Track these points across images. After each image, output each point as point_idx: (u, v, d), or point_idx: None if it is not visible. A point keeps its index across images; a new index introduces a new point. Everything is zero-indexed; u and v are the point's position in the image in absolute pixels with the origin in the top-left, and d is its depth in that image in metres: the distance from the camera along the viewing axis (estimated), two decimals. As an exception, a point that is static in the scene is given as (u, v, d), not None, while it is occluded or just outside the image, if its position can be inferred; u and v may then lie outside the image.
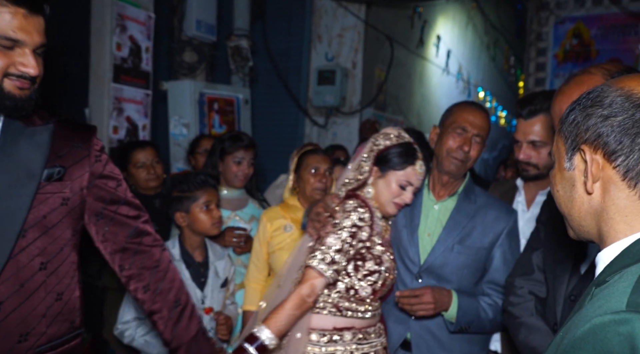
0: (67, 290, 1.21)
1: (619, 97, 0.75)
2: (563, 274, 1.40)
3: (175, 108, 3.79)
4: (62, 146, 1.19)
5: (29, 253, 1.12)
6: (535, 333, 1.44)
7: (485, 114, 1.73)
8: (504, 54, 8.97)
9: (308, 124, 5.35)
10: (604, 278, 0.75)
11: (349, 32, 5.20)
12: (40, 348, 1.16)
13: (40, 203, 1.13)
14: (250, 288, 2.17)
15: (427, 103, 6.88)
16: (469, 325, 1.64)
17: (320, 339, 1.54)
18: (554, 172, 0.85)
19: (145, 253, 1.30)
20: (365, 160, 1.65)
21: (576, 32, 4.99)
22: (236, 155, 2.30)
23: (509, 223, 1.71)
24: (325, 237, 1.54)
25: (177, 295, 1.32)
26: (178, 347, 1.31)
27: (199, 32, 3.96)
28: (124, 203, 1.29)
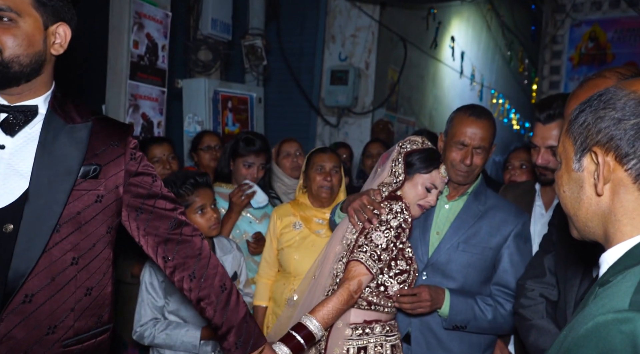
0: (97, 285, 1.23)
1: (632, 100, 0.75)
2: (574, 277, 1.40)
3: (189, 106, 3.83)
4: (99, 144, 1.21)
5: (62, 247, 1.14)
6: (545, 336, 1.44)
7: (485, 123, 1.68)
8: (518, 56, 8.91)
9: (320, 123, 5.37)
10: (608, 278, 0.75)
11: (363, 33, 5.21)
12: (67, 341, 1.18)
13: (76, 200, 1.16)
14: (262, 283, 2.21)
15: (440, 105, 6.87)
16: (465, 324, 1.66)
17: (353, 334, 1.60)
18: (561, 172, 0.85)
19: (188, 242, 1.32)
20: (397, 163, 1.70)
21: (592, 35, 4.94)
22: (247, 158, 2.33)
23: (517, 226, 1.71)
24: (371, 233, 1.59)
25: (222, 279, 1.34)
26: (229, 330, 1.33)
27: (215, 31, 4.01)
28: (160, 197, 1.31)
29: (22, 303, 1.10)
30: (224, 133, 4.01)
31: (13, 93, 1.12)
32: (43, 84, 1.16)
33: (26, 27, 1.08)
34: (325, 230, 2.13)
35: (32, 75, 1.12)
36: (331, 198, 2.17)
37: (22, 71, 1.10)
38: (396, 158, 1.70)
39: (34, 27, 1.10)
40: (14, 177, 1.11)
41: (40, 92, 1.16)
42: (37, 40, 1.11)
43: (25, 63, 1.09)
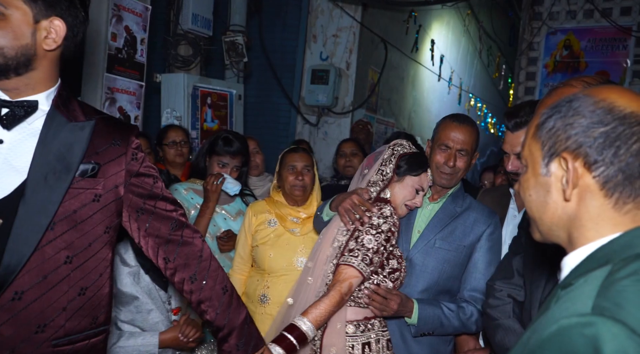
0: (92, 285, 1.21)
1: (600, 108, 0.77)
2: (540, 279, 1.45)
3: (168, 101, 3.80)
4: (101, 142, 1.20)
5: (55, 245, 1.13)
6: (511, 335, 1.49)
7: (468, 128, 1.80)
8: (496, 61, 9.07)
9: (300, 122, 5.38)
10: (570, 281, 0.77)
11: (344, 33, 5.24)
12: (57, 341, 1.15)
13: (72, 198, 1.14)
14: (235, 278, 2.21)
15: (419, 107, 6.95)
16: (432, 331, 1.75)
17: (356, 331, 1.65)
18: (527, 176, 0.85)
19: (189, 244, 1.32)
20: (387, 164, 1.76)
21: (567, 44, 5.07)
22: (222, 158, 2.31)
23: (489, 226, 1.82)
24: (362, 236, 1.63)
25: (223, 282, 1.35)
26: (230, 332, 1.33)
27: (195, 26, 3.97)
28: (161, 199, 1.30)
29: (12, 300, 1.08)
30: (202, 129, 3.99)
31: (8, 87, 1.12)
32: (41, 80, 1.15)
33: (12, 20, 1.07)
34: (300, 228, 2.14)
35: (22, 69, 1.11)
36: (304, 197, 2.19)
37: (7, 64, 1.08)
38: (388, 159, 1.77)
39: (21, 20, 1.08)
40: (9, 172, 1.11)
41: (40, 88, 1.15)
42: (24, 33, 1.09)
43: (9, 56, 1.08)
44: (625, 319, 0.65)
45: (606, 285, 0.70)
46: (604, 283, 0.71)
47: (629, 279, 0.69)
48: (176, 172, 2.99)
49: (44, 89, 1.16)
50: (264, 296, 2.08)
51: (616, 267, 0.73)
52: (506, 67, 8.56)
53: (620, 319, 0.65)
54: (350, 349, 1.63)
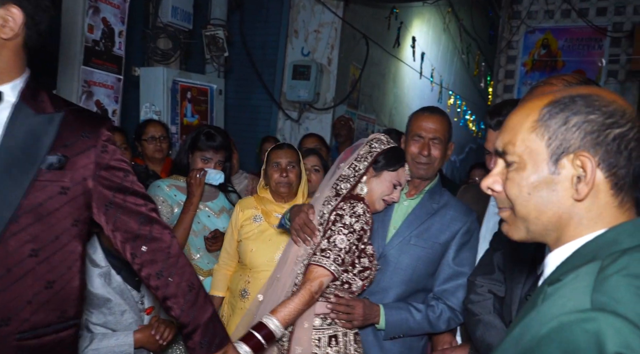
0: (60, 279, 1.19)
1: (615, 110, 0.76)
2: (520, 275, 1.47)
3: (147, 95, 3.73)
4: (70, 135, 1.18)
5: (19, 238, 1.11)
6: (491, 330, 1.50)
7: (439, 117, 1.82)
8: (475, 59, 9.18)
9: (281, 118, 5.35)
10: (558, 277, 0.76)
11: (326, 29, 5.22)
12: (22, 335, 1.14)
13: (38, 190, 1.13)
14: (220, 273, 2.21)
15: (400, 104, 6.98)
16: (402, 333, 1.76)
17: (322, 324, 1.64)
18: (523, 174, 0.80)
19: (157, 240, 1.31)
20: (361, 160, 1.74)
21: (545, 43, 5.16)
22: (205, 153, 2.29)
23: (465, 224, 1.81)
24: (334, 235, 1.61)
25: (190, 278, 1.34)
26: (195, 329, 1.33)
27: (175, 19, 3.91)
28: (131, 193, 1.28)
29: None
30: (182, 124, 3.93)
31: None
32: (4, 71, 1.13)
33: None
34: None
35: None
36: (290, 193, 2.18)
37: None
38: (364, 156, 1.74)
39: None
40: None
41: (4, 78, 1.13)
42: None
43: None
44: (626, 313, 0.65)
45: (600, 280, 0.70)
46: (597, 278, 0.71)
47: (619, 274, 0.70)
48: (155, 167, 2.94)
49: (8, 80, 1.14)
50: (245, 291, 2.08)
51: (606, 263, 0.73)
52: (485, 65, 8.68)
53: (622, 314, 0.65)
54: (317, 342, 1.62)
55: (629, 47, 4.82)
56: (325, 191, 1.74)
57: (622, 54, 4.88)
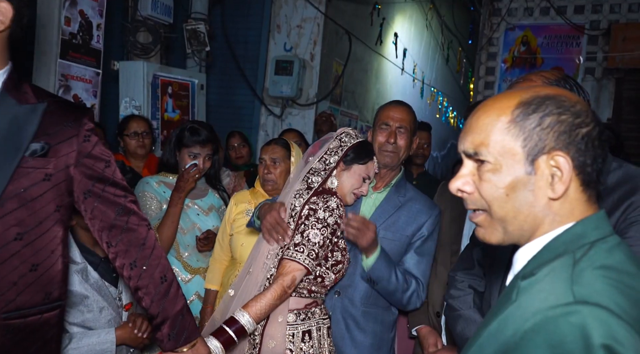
0: (44, 262, 1.23)
1: (583, 110, 0.78)
2: (499, 270, 1.49)
3: (126, 90, 3.67)
4: (52, 124, 1.22)
5: (5, 222, 1.15)
6: (472, 325, 1.52)
7: (405, 108, 1.89)
8: (457, 56, 9.25)
9: (264, 113, 5.32)
10: (531, 271, 0.77)
11: (309, 24, 5.20)
12: (8, 314, 1.18)
13: (22, 177, 1.17)
14: (215, 267, 2.22)
15: (382, 100, 7.00)
16: (377, 281, 1.76)
17: (297, 319, 1.64)
18: (499, 175, 0.80)
19: (133, 231, 1.34)
20: (332, 154, 1.75)
21: (524, 40, 5.22)
22: (192, 149, 2.26)
23: (430, 217, 1.86)
24: (307, 230, 1.61)
25: (163, 271, 1.36)
26: (163, 321, 1.35)
27: (155, 13, 3.85)
28: (111, 184, 1.32)
29: None
30: (163, 119, 3.88)
31: None
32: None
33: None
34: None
35: None
36: (276, 189, 2.16)
37: None
38: (334, 150, 1.76)
39: None
40: None
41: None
42: None
43: None
44: (608, 305, 0.66)
45: (577, 272, 0.72)
46: (574, 271, 0.72)
47: (592, 267, 0.72)
48: (138, 163, 2.90)
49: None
50: (227, 294, 2.07)
51: (577, 256, 0.74)
52: (467, 62, 8.76)
53: (605, 305, 0.66)
54: (291, 338, 1.62)
55: (605, 44, 4.92)
56: (296, 185, 1.74)
57: (599, 52, 4.98)
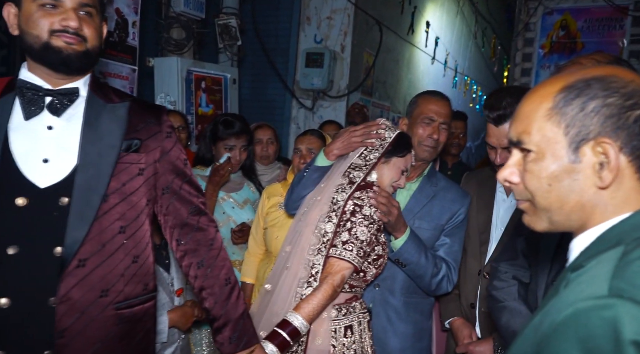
0: (142, 254, 1.30)
1: (633, 90, 0.73)
2: (546, 260, 1.44)
3: (161, 86, 3.73)
4: (138, 121, 1.30)
5: (110, 216, 1.23)
6: (517, 317, 1.48)
7: (447, 103, 1.87)
8: (490, 43, 9.02)
9: (295, 106, 5.32)
10: (580, 263, 0.75)
11: (339, 15, 5.15)
12: (118, 304, 1.25)
13: (120, 172, 1.24)
14: (249, 260, 2.25)
15: (414, 90, 6.90)
16: (406, 263, 1.74)
17: (338, 314, 1.62)
18: (542, 164, 0.78)
19: (203, 230, 1.37)
20: (372, 150, 1.71)
21: (563, 24, 5.03)
22: (228, 141, 2.30)
23: (464, 205, 1.87)
24: (355, 227, 1.58)
25: (228, 273, 1.39)
26: (225, 324, 1.36)
27: (187, 9, 3.89)
28: (187, 181, 1.37)
29: (77, 267, 1.18)
30: (197, 114, 3.93)
31: (59, 78, 1.23)
32: None
33: (97, 21, 1.25)
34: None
35: None
36: None
37: (94, 60, 1.25)
38: (376, 146, 1.70)
39: (99, 20, 1.28)
40: (64, 154, 1.21)
41: (77, 75, 1.26)
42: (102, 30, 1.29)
43: (96, 53, 1.25)
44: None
45: (621, 266, 0.68)
46: (618, 264, 0.69)
47: None
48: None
49: (81, 76, 1.26)
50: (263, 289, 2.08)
51: (629, 247, 0.71)
52: (501, 49, 8.52)
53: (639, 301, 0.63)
54: (333, 333, 1.60)
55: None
56: (336, 179, 1.71)
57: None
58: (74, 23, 1.18)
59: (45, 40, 1.17)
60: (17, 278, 1.16)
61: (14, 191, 1.16)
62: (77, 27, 1.19)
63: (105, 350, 1.23)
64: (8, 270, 1.15)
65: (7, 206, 1.16)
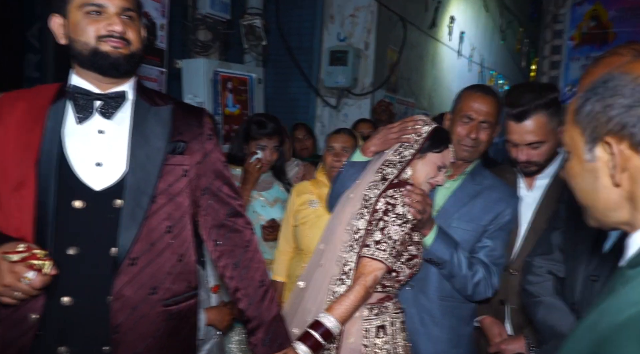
0: (186, 252, 1.33)
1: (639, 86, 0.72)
2: (583, 254, 1.41)
3: (189, 87, 3.79)
4: (181, 124, 1.33)
5: (158, 217, 1.26)
6: (553, 312, 1.46)
7: (491, 98, 1.73)
8: (517, 36, 8.84)
9: (320, 105, 5.33)
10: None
11: (362, 12, 5.14)
12: (166, 301, 1.29)
13: (167, 174, 1.28)
14: (280, 259, 2.26)
15: (439, 86, 6.83)
16: (440, 263, 1.68)
17: (370, 314, 1.60)
18: (571, 164, 0.81)
19: (240, 232, 1.41)
20: (407, 147, 1.67)
21: (594, 14, 4.88)
22: (260, 141, 2.34)
23: (510, 206, 1.75)
24: (388, 226, 1.56)
25: (262, 275, 1.42)
26: (259, 326, 1.39)
27: (213, 10, 3.94)
28: (226, 183, 1.40)
29: (129, 265, 1.23)
30: (224, 114, 3.98)
31: (108, 82, 1.27)
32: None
33: (138, 23, 1.28)
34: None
35: None
36: None
37: (137, 64, 1.29)
38: (411, 142, 1.67)
39: (140, 23, 1.30)
40: (115, 157, 1.25)
41: (124, 78, 1.30)
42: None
43: (139, 56, 1.28)
44: None
45: None
46: None
47: None
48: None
49: (128, 80, 1.31)
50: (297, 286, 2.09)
51: None
52: (528, 42, 8.35)
53: None
54: (365, 333, 1.58)
55: (688, 14, 4.51)
56: (369, 176, 1.69)
57: (680, 22, 4.58)
58: (118, 27, 1.21)
59: (93, 46, 1.21)
60: (77, 277, 1.21)
61: (71, 195, 1.21)
62: (121, 31, 1.22)
63: (156, 345, 1.27)
64: (69, 270, 1.19)
65: (65, 209, 1.20)
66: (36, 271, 1.08)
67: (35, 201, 1.18)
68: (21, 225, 1.18)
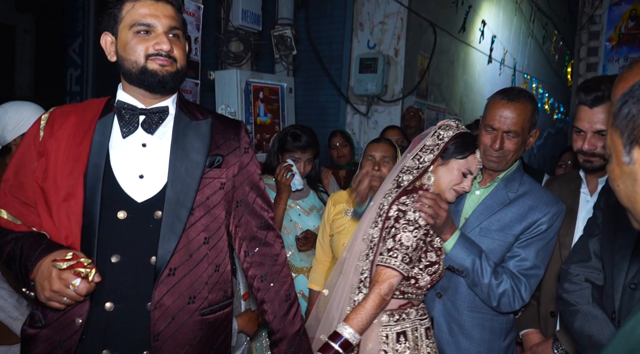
0: (222, 263, 1.37)
1: None
2: (622, 261, 1.38)
3: (222, 98, 3.88)
4: (220, 138, 1.37)
5: (196, 228, 1.30)
6: (592, 321, 1.42)
7: (518, 106, 1.61)
8: (551, 39, 8.64)
9: (350, 112, 5.36)
10: None
11: (392, 19, 5.15)
12: (203, 310, 1.32)
13: (205, 187, 1.32)
14: (317, 268, 2.28)
15: (470, 91, 6.75)
16: (462, 270, 1.62)
17: (390, 320, 1.60)
18: (612, 166, 0.81)
19: (270, 245, 1.44)
20: (427, 151, 1.66)
21: (633, 14, 4.73)
22: (294, 154, 2.39)
23: (546, 215, 1.64)
24: (399, 233, 1.56)
25: (288, 289, 1.45)
26: (282, 338, 1.41)
27: (245, 22, 4.03)
28: (260, 196, 1.44)
29: (168, 275, 1.27)
30: (256, 123, 4.06)
31: (153, 98, 1.32)
32: None
33: (183, 41, 1.33)
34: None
35: None
36: None
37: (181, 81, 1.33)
38: (431, 147, 1.66)
39: (185, 40, 1.35)
40: (156, 170, 1.29)
41: (169, 94, 1.35)
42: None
43: (184, 73, 1.33)
44: None
45: None
46: None
47: None
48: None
49: (171, 95, 1.35)
50: (322, 294, 2.11)
51: None
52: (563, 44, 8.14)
53: None
54: (384, 339, 1.57)
55: None
56: (387, 184, 1.68)
57: None
58: (166, 46, 1.26)
59: (142, 64, 1.26)
60: (119, 284, 1.25)
61: (115, 206, 1.26)
62: (169, 50, 1.27)
63: (193, 353, 1.30)
64: (111, 276, 1.24)
65: (110, 219, 1.25)
66: (82, 278, 1.14)
67: (83, 212, 1.23)
68: (70, 233, 1.23)
